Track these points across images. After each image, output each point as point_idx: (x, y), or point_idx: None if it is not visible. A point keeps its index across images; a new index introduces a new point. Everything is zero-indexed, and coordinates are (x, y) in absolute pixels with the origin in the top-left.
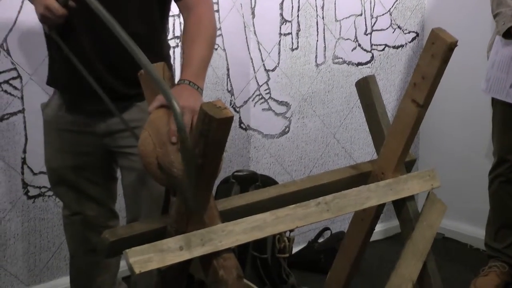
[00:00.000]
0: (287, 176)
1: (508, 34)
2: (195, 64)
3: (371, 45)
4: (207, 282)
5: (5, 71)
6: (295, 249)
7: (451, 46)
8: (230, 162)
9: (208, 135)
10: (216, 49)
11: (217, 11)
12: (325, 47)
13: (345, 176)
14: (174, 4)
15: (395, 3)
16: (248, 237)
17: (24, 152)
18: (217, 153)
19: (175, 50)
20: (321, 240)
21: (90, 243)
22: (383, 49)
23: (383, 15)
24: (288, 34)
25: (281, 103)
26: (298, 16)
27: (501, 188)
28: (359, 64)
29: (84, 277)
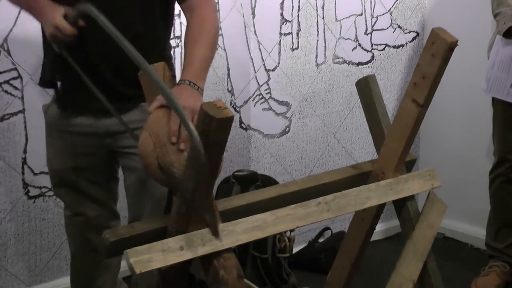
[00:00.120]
0: (287, 176)
1: (508, 33)
2: (196, 64)
3: (372, 45)
4: (208, 282)
5: (6, 71)
6: (295, 249)
7: (452, 45)
8: (230, 162)
9: (208, 135)
10: (216, 49)
11: (218, 11)
12: (325, 47)
13: (345, 176)
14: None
15: (395, 3)
16: (248, 237)
17: (24, 152)
18: (217, 153)
19: (175, 50)
20: (321, 240)
21: (91, 243)
22: (384, 49)
23: (383, 14)
24: (288, 34)
25: (281, 103)
26: (298, 16)
27: (502, 188)
28: (360, 63)
29: (85, 277)
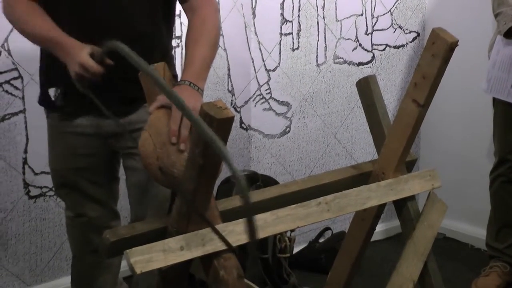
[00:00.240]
0: (288, 176)
1: (509, 33)
2: (197, 64)
3: (372, 45)
4: (208, 282)
5: (6, 71)
6: (296, 249)
7: (452, 46)
8: None
9: None
10: (217, 50)
11: (219, 11)
12: (326, 47)
13: (346, 176)
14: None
15: (396, 3)
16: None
17: (25, 152)
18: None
19: (176, 50)
20: (322, 240)
21: (92, 244)
22: (384, 49)
23: (384, 15)
24: (289, 34)
25: (282, 103)
26: (299, 16)
27: (502, 188)
28: (360, 64)
29: (85, 278)
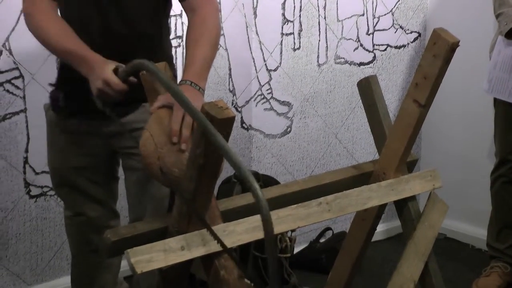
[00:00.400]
0: (288, 176)
1: (510, 34)
2: (198, 64)
3: (373, 45)
4: (209, 282)
5: (7, 71)
6: (296, 249)
7: (453, 46)
8: None
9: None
10: (218, 49)
11: (219, 11)
12: (327, 47)
13: (346, 176)
14: (175, 3)
15: (397, 3)
16: (249, 237)
17: (26, 151)
18: (219, 153)
19: (176, 50)
20: (322, 240)
21: (91, 243)
22: (385, 49)
23: (385, 15)
24: (290, 34)
25: (283, 103)
26: (300, 16)
27: (503, 188)
28: (361, 64)
29: (85, 277)
